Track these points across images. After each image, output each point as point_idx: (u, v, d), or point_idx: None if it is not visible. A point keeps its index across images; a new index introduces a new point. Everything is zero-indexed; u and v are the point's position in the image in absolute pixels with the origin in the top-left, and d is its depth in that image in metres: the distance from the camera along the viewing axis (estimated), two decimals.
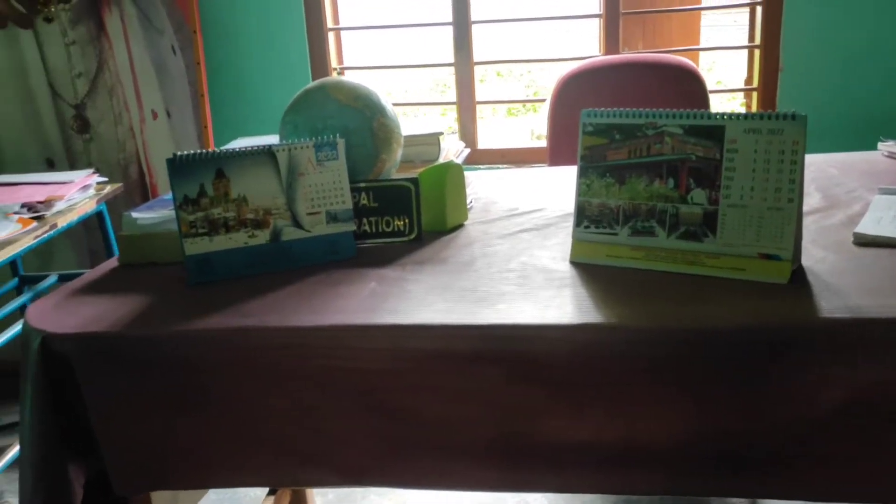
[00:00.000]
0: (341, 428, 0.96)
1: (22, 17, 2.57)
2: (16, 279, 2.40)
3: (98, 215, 2.26)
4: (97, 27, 2.56)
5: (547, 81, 6.54)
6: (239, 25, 2.62)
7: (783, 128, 0.97)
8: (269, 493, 1.65)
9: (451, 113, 3.92)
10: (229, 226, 1.16)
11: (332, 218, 1.20)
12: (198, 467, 1.00)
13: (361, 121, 1.27)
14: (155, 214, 1.26)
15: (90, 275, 1.21)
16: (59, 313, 1.05)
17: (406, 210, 1.26)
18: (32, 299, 2.31)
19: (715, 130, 1.00)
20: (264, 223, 1.17)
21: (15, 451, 2.01)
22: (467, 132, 2.63)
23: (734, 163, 0.99)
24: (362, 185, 1.25)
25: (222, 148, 1.55)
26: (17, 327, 2.06)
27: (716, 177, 1.00)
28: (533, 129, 4.10)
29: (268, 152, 1.17)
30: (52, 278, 2.34)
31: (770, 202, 0.98)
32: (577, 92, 2.15)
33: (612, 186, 1.07)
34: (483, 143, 2.69)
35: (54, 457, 1.00)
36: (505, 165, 2.62)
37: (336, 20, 2.70)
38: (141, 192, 2.66)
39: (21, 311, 2.30)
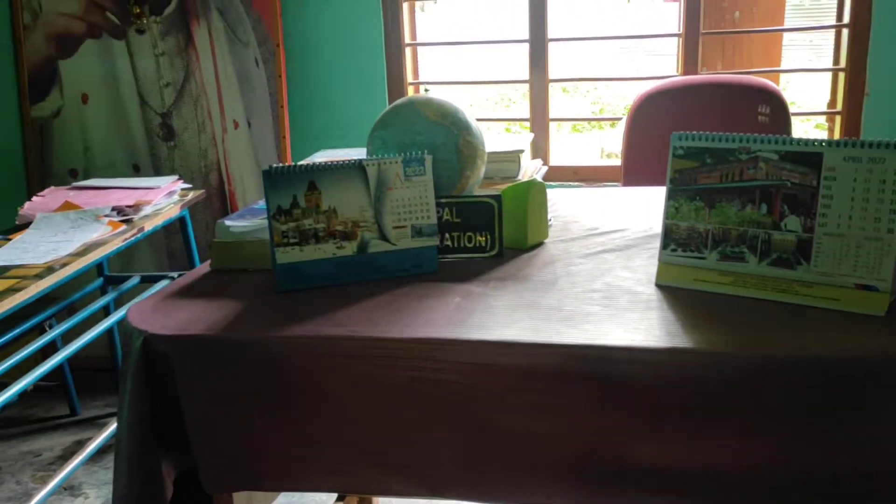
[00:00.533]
0: (426, 439, 0.98)
1: (116, 29, 2.69)
2: (101, 279, 2.50)
3: (181, 220, 2.34)
4: (186, 39, 2.66)
5: (613, 98, 6.49)
6: (320, 40, 2.68)
7: (885, 157, 0.95)
8: (338, 499, 1.68)
9: (515, 127, 3.93)
10: (319, 236, 1.19)
11: (417, 232, 1.23)
12: (285, 470, 1.03)
13: (448, 137, 1.29)
14: (246, 223, 1.31)
15: (185, 279, 1.26)
16: (158, 315, 1.09)
17: (488, 226, 1.28)
18: (116, 299, 2.40)
19: (812, 157, 0.99)
20: (352, 235, 1.20)
21: (94, 444, 2.09)
22: (540, 149, 2.64)
23: (832, 191, 0.98)
24: (446, 200, 1.27)
25: (310, 160, 1.60)
26: (102, 326, 2.15)
27: (812, 204, 0.99)
28: (603, 148, 4.08)
29: (358, 166, 1.20)
30: (135, 279, 2.43)
31: (868, 232, 0.96)
32: (654, 112, 2.14)
33: (702, 210, 1.07)
34: (554, 159, 2.69)
35: (149, 452, 1.04)
36: (577, 183, 2.62)
37: (413, 36, 2.74)
38: (220, 198, 2.75)
39: (105, 310, 2.40)
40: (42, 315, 2.29)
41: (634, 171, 2.14)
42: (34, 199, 2.20)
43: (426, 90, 2.69)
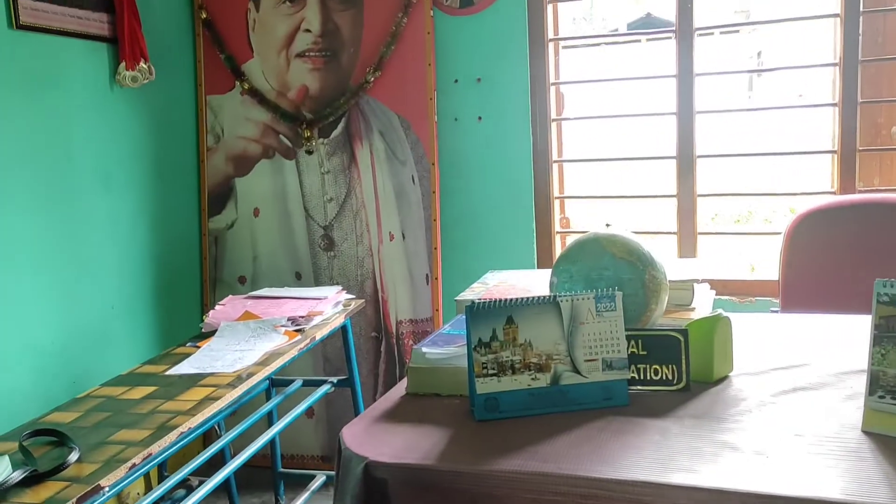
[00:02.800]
0: None
1: (287, 150, 2.96)
2: (266, 382, 2.66)
3: (343, 328, 2.49)
4: (349, 159, 2.89)
5: (761, 207, 6.27)
6: (472, 157, 2.85)
7: None
8: None
9: (649, 238, 3.90)
10: (515, 368, 1.26)
11: (608, 365, 1.28)
12: None
13: (634, 273, 1.35)
14: (440, 350, 1.40)
15: (384, 402, 1.36)
16: (373, 440, 1.18)
17: (675, 359, 1.31)
18: (281, 403, 2.54)
19: None
20: (546, 367, 1.27)
21: None
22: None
23: None
24: (633, 333, 1.32)
25: (482, 282, 1.69)
26: (270, 433, 2.27)
27: None
28: (753, 265, 4.02)
29: (552, 302, 1.28)
30: (298, 383, 2.58)
31: None
32: (814, 233, 2.13)
33: None
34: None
35: None
36: (728, 296, 2.60)
37: (560, 152, 2.86)
38: (373, 305, 2.90)
39: (268, 418, 2.55)
40: (214, 418, 2.45)
41: (795, 291, 2.11)
42: (217, 307, 2.40)
43: (607, 225, 2.78)
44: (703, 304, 1.62)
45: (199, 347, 2.14)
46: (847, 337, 1.52)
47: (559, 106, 2.89)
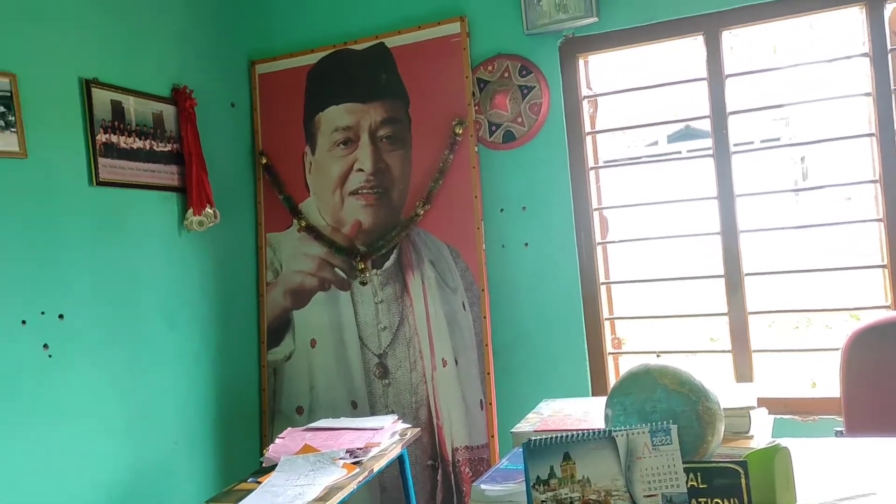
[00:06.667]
0: None
1: (342, 282, 3.08)
2: None
3: (400, 458, 2.50)
4: (402, 288, 2.99)
5: (817, 321, 6.12)
6: (521, 283, 2.92)
7: None
8: None
9: (704, 357, 3.85)
10: None
11: (668, 501, 1.27)
12: None
13: (688, 405, 1.37)
14: (500, 487, 1.42)
15: None
16: None
17: (735, 492, 1.30)
18: None
19: None
20: None
21: None
22: (743, 377, 2.62)
23: None
24: (691, 466, 1.32)
25: (537, 412, 1.71)
26: None
27: None
28: (814, 381, 3.94)
29: (608, 437, 1.29)
30: None
31: None
32: (872, 352, 2.10)
33: None
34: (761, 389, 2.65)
35: None
36: (789, 416, 2.55)
37: (607, 275, 2.91)
38: (428, 432, 2.91)
39: None
40: None
41: (859, 412, 2.07)
42: (277, 441, 2.45)
43: (657, 355, 2.81)
44: (761, 431, 1.61)
45: (259, 483, 2.17)
46: None
47: (603, 228, 2.96)
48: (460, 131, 2.90)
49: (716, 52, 2.65)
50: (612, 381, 2.82)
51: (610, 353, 2.87)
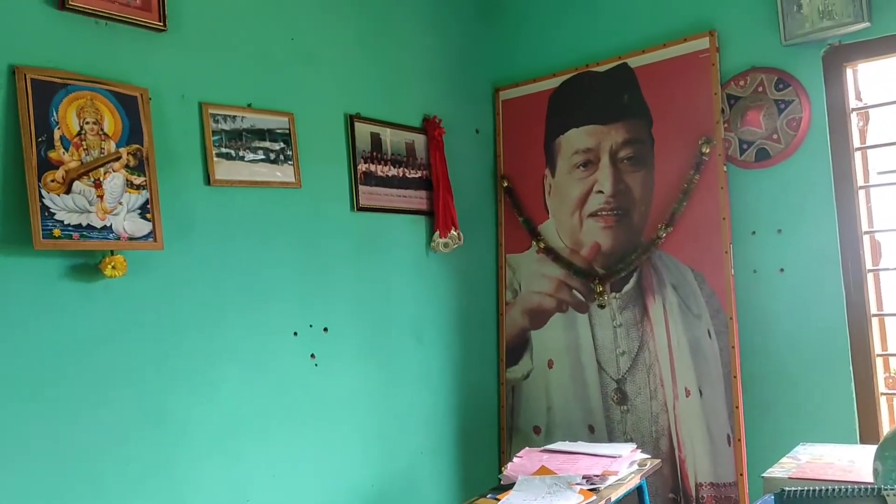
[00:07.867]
0: None
1: (580, 304, 3.07)
2: None
3: (638, 489, 2.42)
4: (641, 313, 2.91)
5: None
6: (774, 311, 2.70)
7: None
8: None
9: None
10: None
11: None
12: None
13: None
14: None
15: None
16: None
17: None
18: None
19: None
20: None
21: None
22: None
23: None
24: None
25: (793, 455, 1.58)
26: None
27: None
28: None
29: (877, 495, 1.16)
30: None
31: None
32: None
33: None
34: None
35: None
36: None
37: (879, 306, 2.60)
38: (670, 464, 2.79)
39: None
40: None
41: None
42: (515, 459, 2.50)
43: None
44: None
45: (498, 500, 2.23)
46: None
47: (875, 253, 2.65)
48: (707, 150, 2.77)
49: None
50: (885, 426, 2.51)
51: (883, 394, 2.55)
